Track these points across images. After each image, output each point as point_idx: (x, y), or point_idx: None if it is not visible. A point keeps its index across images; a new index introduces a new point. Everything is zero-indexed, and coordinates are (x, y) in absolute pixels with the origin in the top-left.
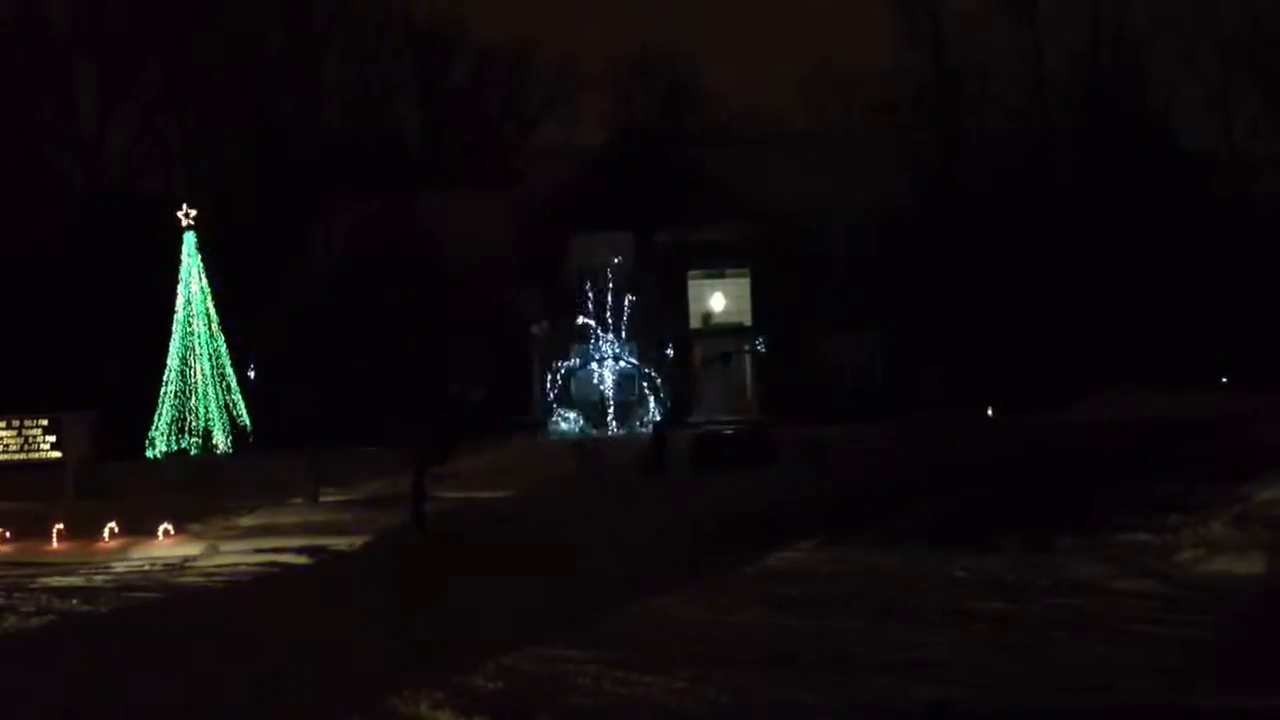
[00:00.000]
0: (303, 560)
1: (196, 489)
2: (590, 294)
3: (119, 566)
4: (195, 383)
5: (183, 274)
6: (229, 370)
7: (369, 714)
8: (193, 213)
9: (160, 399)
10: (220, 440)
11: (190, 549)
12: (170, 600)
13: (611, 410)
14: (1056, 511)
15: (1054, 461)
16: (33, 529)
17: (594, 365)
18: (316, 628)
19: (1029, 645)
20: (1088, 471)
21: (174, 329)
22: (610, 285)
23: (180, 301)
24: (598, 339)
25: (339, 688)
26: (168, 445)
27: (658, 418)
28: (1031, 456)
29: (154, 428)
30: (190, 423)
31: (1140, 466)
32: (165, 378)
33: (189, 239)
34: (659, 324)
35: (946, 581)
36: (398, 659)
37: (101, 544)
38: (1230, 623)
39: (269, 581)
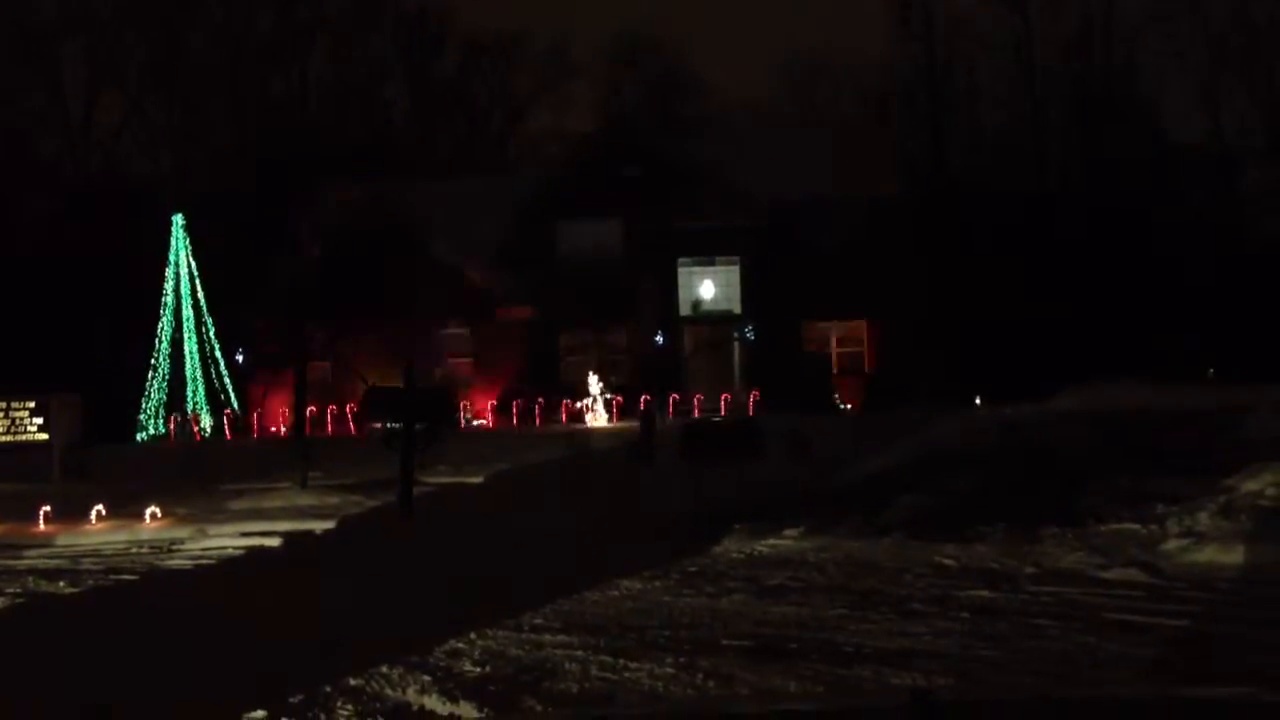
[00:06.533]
0: (283, 543)
1: (183, 472)
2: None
3: (106, 549)
4: (183, 366)
5: (171, 258)
6: (217, 353)
7: (352, 692)
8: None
9: (148, 382)
10: (208, 424)
11: (177, 532)
12: (155, 582)
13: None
14: (1042, 501)
15: (1040, 451)
16: (19, 511)
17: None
18: (301, 608)
19: (1013, 634)
20: (1074, 461)
21: (162, 313)
22: (599, 272)
23: (168, 285)
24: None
25: (323, 663)
26: (156, 428)
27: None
28: (1018, 446)
29: (142, 411)
30: (178, 406)
31: (1127, 457)
32: (154, 361)
33: (177, 222)
34: (648, 311)
35: (931, 570)
36: (383, 637)
37: (88, 526)
38: (1215, 613)
39: (253, 563)
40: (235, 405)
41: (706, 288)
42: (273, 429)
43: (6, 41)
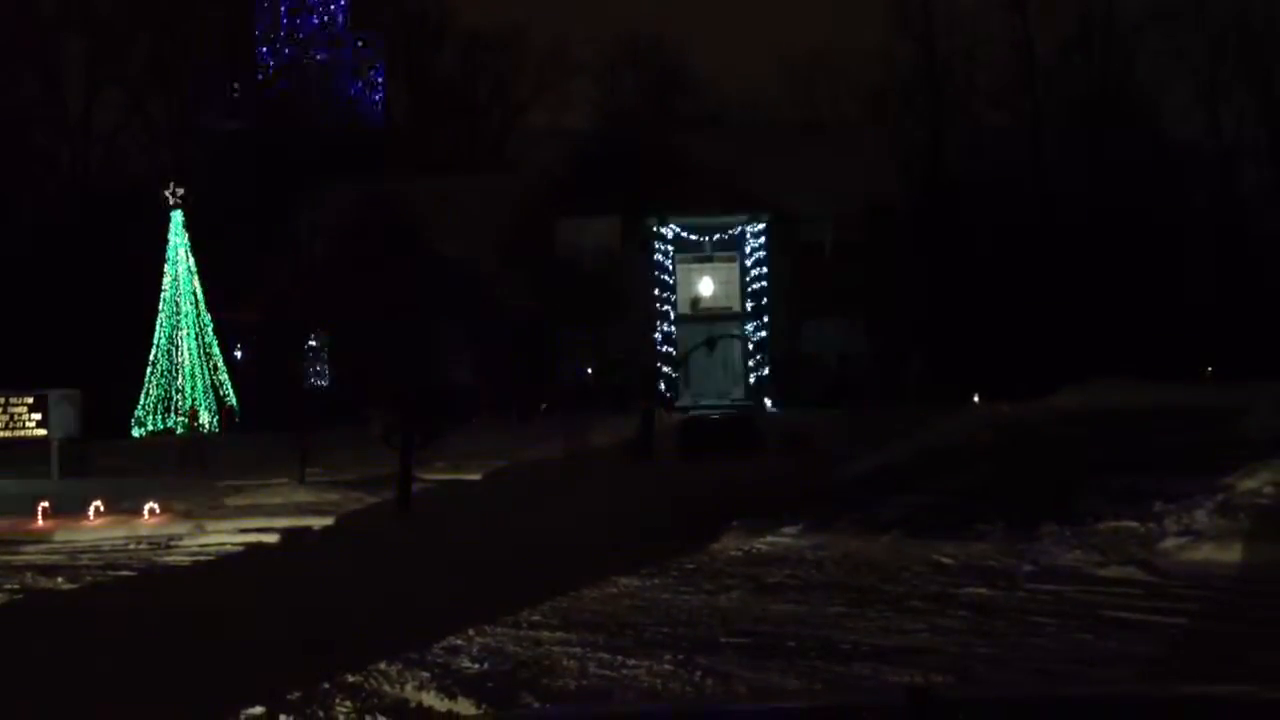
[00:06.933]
0: (282, 540)
1: (182, 468)
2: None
3: (104, 545)
4: (181, 362)
5: (169, 253)
6: (215, 349)
7: (350, 689)
8: (180, 191)
9: (146, 378)
10: (206, 419)
11: (175, 528)
12: (153, 578)
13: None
14: (1040, 499)
15: (1039, 450)
16: (18, 506)
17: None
18: (299, 604)
19: (1011, 632)
20: (1072, 460)
21: (160, 308)
22: (598, 270)
23: (167, 281)
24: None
25: (321, 660)
26: (154, 424)
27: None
28: (1016, 444)
29: (140, 406)
30: (176, 402)
31: (1125, 455)
32: (152, 357)
33: (176, 218)
34: (647, 309)
35: (930, 568)
36: (381, 634)
37: (86, 522)
38: (1213, 611)
39: (251, 559)
40: (234, 401)
41: (705, 285)
42: (271, 425)
43: (6, 38)
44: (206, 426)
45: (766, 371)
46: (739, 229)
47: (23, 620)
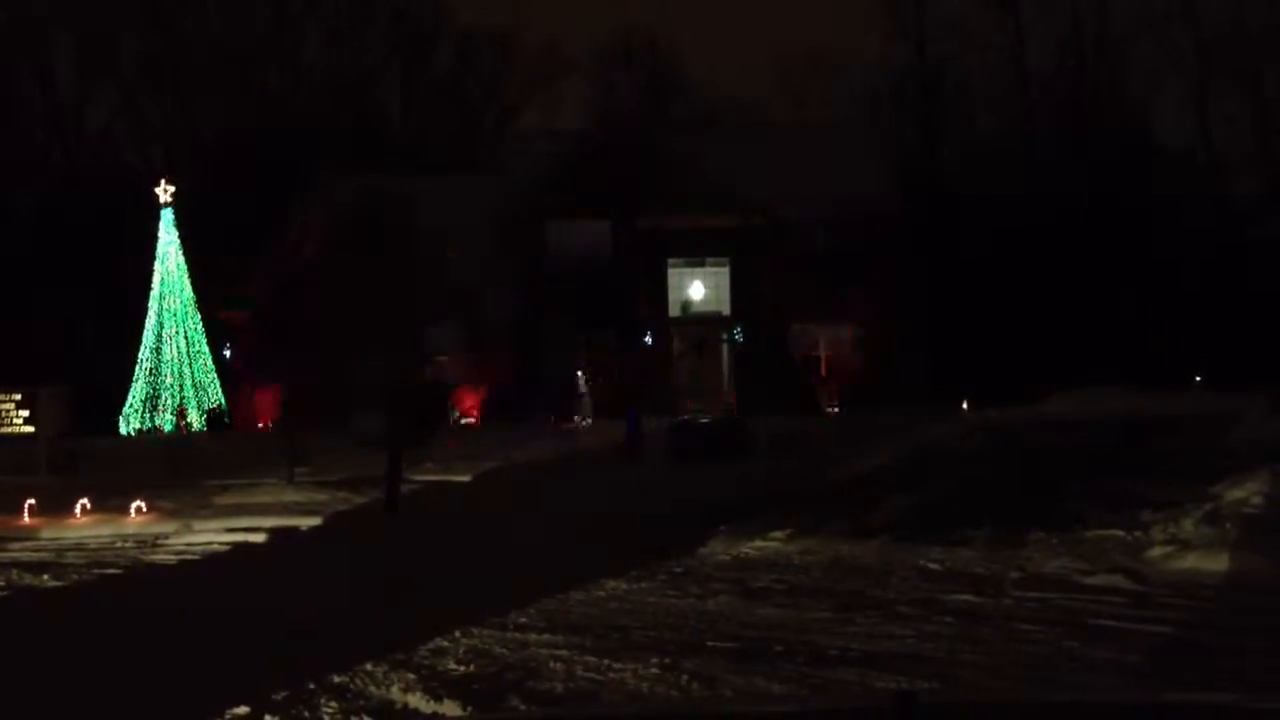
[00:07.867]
0: (269, 540)
1: (170, 467)
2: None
3: (91, 543)
4: (170, 360)
5: (159, 251)
6: (205, 348)
7: (336, 689)
8: (170, 189)
9: (135, 376)
10: (194, 418)
11: (162, 527)
12: (139, 577)
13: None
14: (1028, 506)
15: (1027, 456)
16: (4, 504)
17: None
18: (286, 604)
19: (997, 638)
20: (1060, 467)
21: (150, 306)
22: (589, 272)
23: (157, 279)
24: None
25: (307, 660)
26: (142, 422)
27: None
28: (1006, 451)
29: (128, 404)
30: (165, 400)
31: (1114, 463)
32: (140, 355)
33: (166, 215)
34: (637, 312)
35: (917, 573)
36: (368, 635)
37: (74, 520)
38: (1198, 620)
39: (237, 559)
40: (223, 400)
41: (696, 289)
42: (260, 425)
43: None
44: (194, 425)
45: (757, 375)
46: (730, 232)
47: (8, 618)
